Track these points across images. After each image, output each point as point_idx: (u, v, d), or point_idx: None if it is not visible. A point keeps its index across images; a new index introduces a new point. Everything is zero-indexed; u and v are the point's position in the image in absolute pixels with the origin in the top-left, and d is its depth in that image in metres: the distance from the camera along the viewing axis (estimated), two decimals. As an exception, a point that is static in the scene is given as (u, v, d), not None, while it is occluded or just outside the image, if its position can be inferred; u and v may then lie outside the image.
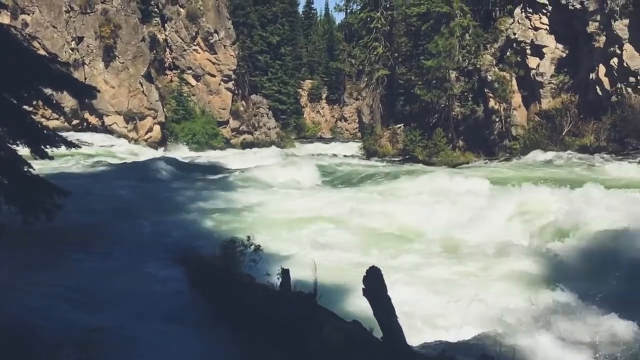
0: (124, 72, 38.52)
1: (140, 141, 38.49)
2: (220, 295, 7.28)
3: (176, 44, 43.85)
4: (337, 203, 15.35)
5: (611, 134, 26.56)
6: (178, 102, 42.61)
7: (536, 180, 16.10)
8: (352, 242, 11.74)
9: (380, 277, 5.35)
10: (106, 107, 38.20)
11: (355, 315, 6.49)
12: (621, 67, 26.73)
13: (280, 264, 7.40)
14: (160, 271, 8.36)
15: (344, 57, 59.61)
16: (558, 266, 9.82)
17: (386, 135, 39.12)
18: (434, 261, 10.60)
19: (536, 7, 31.17)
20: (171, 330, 6.14)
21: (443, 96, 33.13)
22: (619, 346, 6.44)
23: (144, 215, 13.10)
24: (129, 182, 18.38)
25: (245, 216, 13.95)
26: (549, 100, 30.20)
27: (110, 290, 7.38)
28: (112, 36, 37.90)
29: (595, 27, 27.94)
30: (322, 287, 6.80)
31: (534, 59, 31.19)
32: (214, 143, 42.37)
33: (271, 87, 53.86)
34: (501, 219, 12.58)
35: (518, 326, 7.03)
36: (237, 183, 19.28)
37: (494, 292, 8.43)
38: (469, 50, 32.93)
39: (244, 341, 6.06)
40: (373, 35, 40.31)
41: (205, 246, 8.70)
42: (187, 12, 43.40)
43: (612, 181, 16.77)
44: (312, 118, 68.97)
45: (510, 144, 31.13)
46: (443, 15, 32.89)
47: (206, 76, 44.57)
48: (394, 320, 5.30)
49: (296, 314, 6.10)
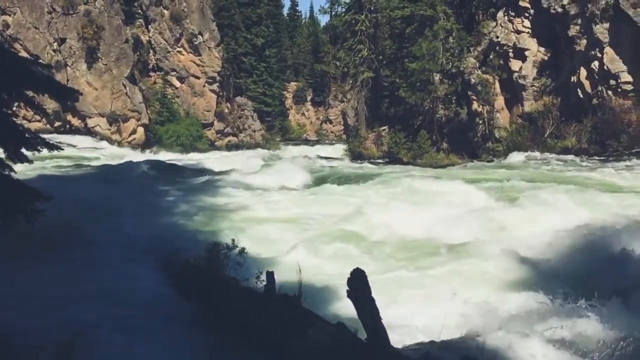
0: (107, 73, 38.21)
1: (123, 143, 38.22)
2: (204, 298, 7.26)
3: (160, 45, 43.61)
4: (323, 205, 15.38)
5: (592, 136, 26.95)
6: (162, 104, 42.37)
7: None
8: (337, 244, 11.76)
9: (364, 279, 5.38)
10: (89, 109, 37.85)
11: (340, 317, 6.52)
12: (602, 70, 27.15)
13: (265, 267, 7.39)
14: (143, 274, 8.29)
15: (329, 59, 59.75)
16: (537, 267, 9.93)
17: (371, 137, 39.26)
18: (414, 262, 10.67)
19: (518, 11, 31.54)
20: (154, 334, 6.10)
21: (427, 98, 33.35)
22: (596, 345, 6.55)
23: (126, 218, 12.99)
24: (112, 184, 18.22)
25: (230, 218, 13.90)
26: (532, 102, 30.57)
27: (91, 294, 7.30)
28: (95, 37, 37.60)
29: (577, 31, 28.35)
30: (307, 290, 6.82)
31: (517, 61, 31.55)
32: (198, 145, 42.17)
33: (256, 89, 53.79)
34: (478, 220, 12.71)
35: (499, 326, 7.11)
36: (221, 185, 19.20)
37: (474, 293, 8.50)
38: (453, 53, 33.23)
39: (228, 344, 6.05)
40: (358, 37, 40.47)
41: (190, 249, 8.65)
42: (171, 13, 43.19)
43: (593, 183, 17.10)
44: (297, 120, 69.00)
45: (493, 146, 31.44)
46: (427, 18, 33.14)
47: (190, 78, 44.38)
48: (378, 321, 5.33)
49: (281, 317, 6.11)
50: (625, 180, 18.30)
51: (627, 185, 17.22)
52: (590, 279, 8.86)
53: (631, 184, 17.35)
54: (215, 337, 6.17)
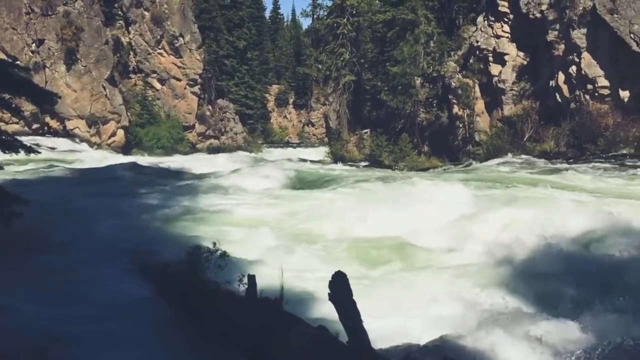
0: (86, 75, 37.78)
1: (103, 146, 37.81)
2: (185, 302, 7.21)
3: (140, 47, 43.26)
4: (305, 208, 15.37)
5: (570, 140, 27.33)
6: (142, 106, 42.02)
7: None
8: (319, 247, 11.76)
9: (345, 282, 5.40)
10: (68, 111, 37.38)
11: (321, 320, 6.51)
12: (579, 74, 27.58)
13: (246, 270, 7.36)
14: (122, 278, 8.19)
15: (311, 62, 59.84)
16: (517, 268, 10.04)
17: (353, 140, 39.38)
18: (395, 264, 10.71)
19: (498, 16, 31.92)
20: (134, 338, 6.04)
21: (408, 102, 33.57)
22: (576, 347, 6.63)
23: (105, 221, 12.83)
24: (91, 187, 18.01)
25: (211, 222, 13.82)
26: (511, 106, 30.92)
27: (67, 298, 7.18)
28: (74, 39, 37.17)
29: (555, 36, 28.77)
30: (289, 293, 6.81)
31: (496, 66, 31.91)
32: (179, 148, 41.92)
33: (238, 91, 53.62)
34: (457, 222, 12.83)
35: (479, 327, 7.17)
36: (202, 188, 19.08)
37: (453, 294, 8.57)
38: (434, 57, 33.51)
39: (209, 348, 6.01)
40: (339, 41, 40.61)
41: (170, 252, 8.57)
42: (152, 15, 42.90)
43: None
44: (279, 123, 68.94)
45: (473, 149, 31.72)
46: (408, 22, 33.37)
47: (171, 80, 44.11)
48: (359, 324, 5.34)
49: (262, 320, 6.09)
50: (604, 183, 18.62)
51: (601, 188, 17.52)
52: (572, 281, 8.98)
53: (608, 187, 17.64)
54: (195, 341, 6.14)
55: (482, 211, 13.36)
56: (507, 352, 6.34)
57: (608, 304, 7.93)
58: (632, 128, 25.61)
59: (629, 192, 16.06)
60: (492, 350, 6.24)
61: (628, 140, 25.68)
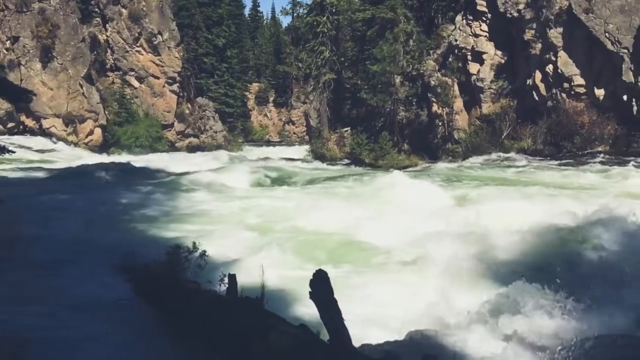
0: (62, 73, 37.19)
1: (80, 145, 37.27)
2: (165, 302, 7.14)
3: (118, 45, 42.73)
4: (284, 206, 15.34)
5: (547, 138, 27.72)
6: (120, 105, 41.50)
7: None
8: (300, 246, 11.74)
9: (326, 280, 5.40)
10: (44, 110, 36.76)
11: (302, 319, 6.51)
12: (556, 73, 27.99)
13: (226, 270, 7.32)
14: (101, 279, 8.07)
15: (291, 60, 59.66)
16: (497, 263, 10.13)
17: (333, 138, 39.38)
18: (374, 262, 10.74)
19: (476, 15, 32.19)
20: (112, 339, 5.96)
21: (388, 100, 33.68)
22: (557, 342, 6.69)
23: (82, 222, 12.65)
24: (67, 187, 17.73)
25: (191, 221, 13.71)
26: (489, 104, 31.23)
27: (44, 299, 7.03)
28: (49, 36, 36.55)
29: (532, 35, 29.14)
30: (270, 292, 6.78)
31: (475, 64, 32.20)
32: (158, 146, 41.47)
33: (217, 89, 53.26)
34: (439, 217, 12.93)
35: (458, 324, 7.23)
36: (181, 187, 18.93)
37: (433, 291, 8.62)
38: (413, 55, 33.65)
39: (188, 348, 5.96)
40: (319, 39, 40.56)
41: (149, 253, 8.47)
42: (130, 12, 42.38)
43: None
44: (259, 121, 68.64)
45: (452, 147, 31.96)
46: (387, 21, 33.48)
47: (150, 78, 43.63)
48: (340, 322, 5.35)
49: (243, 320, 6.06)
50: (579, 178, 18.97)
51: (579, 184, 17.85)
52: (551, 276, 9.08)
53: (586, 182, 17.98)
54: (175, 342, 6.08)
55: (451, 208, 13.51)
56: (488, 347, 6.39)
57: (582, 298, 8.04)
58: (607, 126, 26.09)
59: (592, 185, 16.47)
60: (472, 347, 6.30)
61: (603, 137, 26.16)
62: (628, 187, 16.64)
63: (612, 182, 18.04)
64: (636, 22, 25.55)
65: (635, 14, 25.78)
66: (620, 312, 7.47)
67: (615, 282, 8.46)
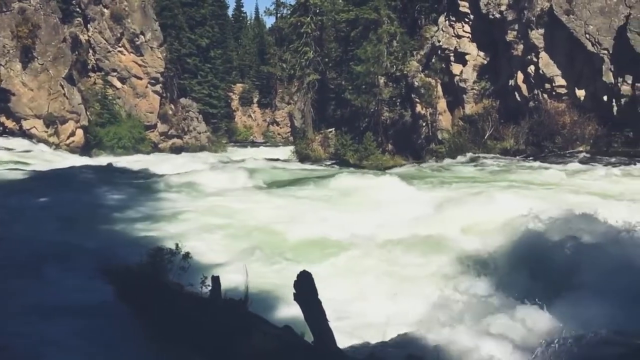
0: (43, 73, 36.69)
1: (62, 146, 36.79)
2: (147, 305, 7.05)
3: (100, 45, 42.29)
4: (268, 208, 15.27)
5: (529, 138, 27.99)
6: (102, 105, 41.08)
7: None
8: (283, 246, 11.70)
9: (311, 281, 5.37)
10: (24, 111, 36.25)
11: (287, 321, 6.47)
12: (537, 74, 28.27)
13: (210, 271, 7.25)
14: (81, 282, 7.93)
15: (275, 61, 59.48)
16: (476, 260, 10.18)
17: (318, 139, 39.37)
18: (356, 261, 10.74)
19: (459, 16, 32.41)
20: (93, 344, 5.85)
21: (372, 101, 33.78)
22: (538, 338, 6.73)
23: (63, 224, 12.46)
24: (48, 189, 17.44)
25: (174, 223, 13.58)
26: (472, 105, 31.46)
27: (20, 303, 6.85)
28: (30, 36, 36.04)
29: (514, 36, 29.40)
30: (254, 294, 6.73)
31: (458, 65, 32.42)
32: (141, 147, 41.13)
33: (201, 90, 53.04)
34: (418, 216, 12.98)
35: (441, 323, 7.24)
36: (164, 189, 18.74)
37: (415, 290, 8.63)
38: (397, 56, 33.79)
39: (171, 351, 5.89)
40: (303, 40, 40.54)
41: (132, 255, 8.35)
42: (112, 12, 41.98)
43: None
44: (243, 122, 68.45)
45: (436, 147, 32.13)
46: (371, 22, 33.58)
47: (132, 79, 43.25)
48: (324, 323, 5.32)
49: (227, 322, 6.01)
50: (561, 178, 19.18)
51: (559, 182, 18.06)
52: (536, 274, 9.13)
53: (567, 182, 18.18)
54: (157, 345, 6.00)
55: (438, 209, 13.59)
56: (473, 346, 6.40)
57: (569, 296, 8.10)
58: (588, 126, 26.41)
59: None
60: (456, 346, 6.31)
61: (584, 137, 26.47)
62: (593, 187, 16.85)
63: (579, 181, 18.30)
64: (616, 24, 25.90)
65: (615, 15, 26.13)
66: (596, 309, 7.51)
67: (584, 281, 8.51)
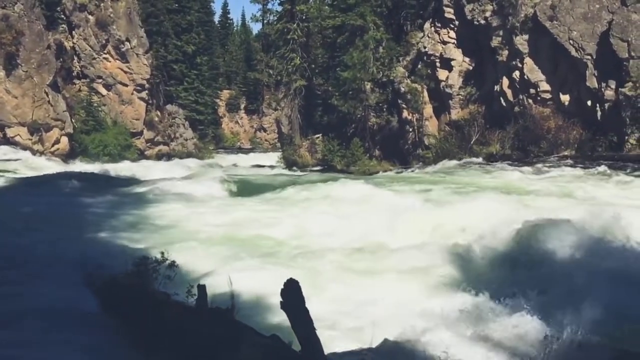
0: (27, 81, 36.32)
1: (46, 153, 36.38)
2: (131, 315, 6.95)
3: (85, 52, 41.98)
4: (253, 215, 15.19)
5: (515, 143, 28.23)
6: (87, 113, 40.72)
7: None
8: (270, 254, 11.64)
9: (298, 290, 5.33)
10: (8, 118, 35.85)
11: (274, 329, 6.42)
12: (522, 79, 28.54)
13: (196, 280, 7.18)
14: (65, 291, 7.80)
15: (262, 67, 59.57)
16: (467, 267, 10.20)
17: (305, 145, 39.39)
18: (344, 268, 10.71)
19: (444, 22, 32.65)
20: (75, 355, 5.75)
21: (359, 107, 33.86)
22: (529, 345, 6.74)
23: (47, 233, 12.28)
24: (33, 197, 17.26)
25: (159, 232, 13.47)
26: (458, 110, 31.66)
27: (3, 315, 6.71)
28: (14, 43, 35.68)
29: (499, 42, 29.67)
30: (241, 302, 6.68)
31: (444, 71, 32.63)
32: (127, 155, 40.78)
33: (187, 97, 52.78)
34: (408, 223, 12.99)
35: (430, 329, 7.22)
36: (150, 197, 18.60)
37: (404, 296, 8.61)
38: (383, 62, 33.93)
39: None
40: (290, 46, 40.60)
41: (117, 264, 8.25)
42: (97, 19, 41.71)
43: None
44: (230, 128, 68.26)
45: (423, 152, 32.29)
46: (357, 28, 33.70)
47: (118, 85, 42.95)
48: (312, 332, 5.28)
49: (213, 331, 5.94)
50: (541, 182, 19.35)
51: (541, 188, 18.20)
52: (523, 278, 9.16)
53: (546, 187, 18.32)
54: (143, 354, 5.92)
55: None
56: (463, 352, 6.39)
57: (555, 300, 8.14)
58: (573, 130, 26.68)
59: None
60: (447, 351, 6.29)
61: (569, 142, 26.73)
62: (574, 190, 17.04)
63: (557, 185, 18.50)
64: (599, 29, 26.24)
65: (597, 21, 26.47)
66: (582, 314, 7.54)
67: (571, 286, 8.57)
